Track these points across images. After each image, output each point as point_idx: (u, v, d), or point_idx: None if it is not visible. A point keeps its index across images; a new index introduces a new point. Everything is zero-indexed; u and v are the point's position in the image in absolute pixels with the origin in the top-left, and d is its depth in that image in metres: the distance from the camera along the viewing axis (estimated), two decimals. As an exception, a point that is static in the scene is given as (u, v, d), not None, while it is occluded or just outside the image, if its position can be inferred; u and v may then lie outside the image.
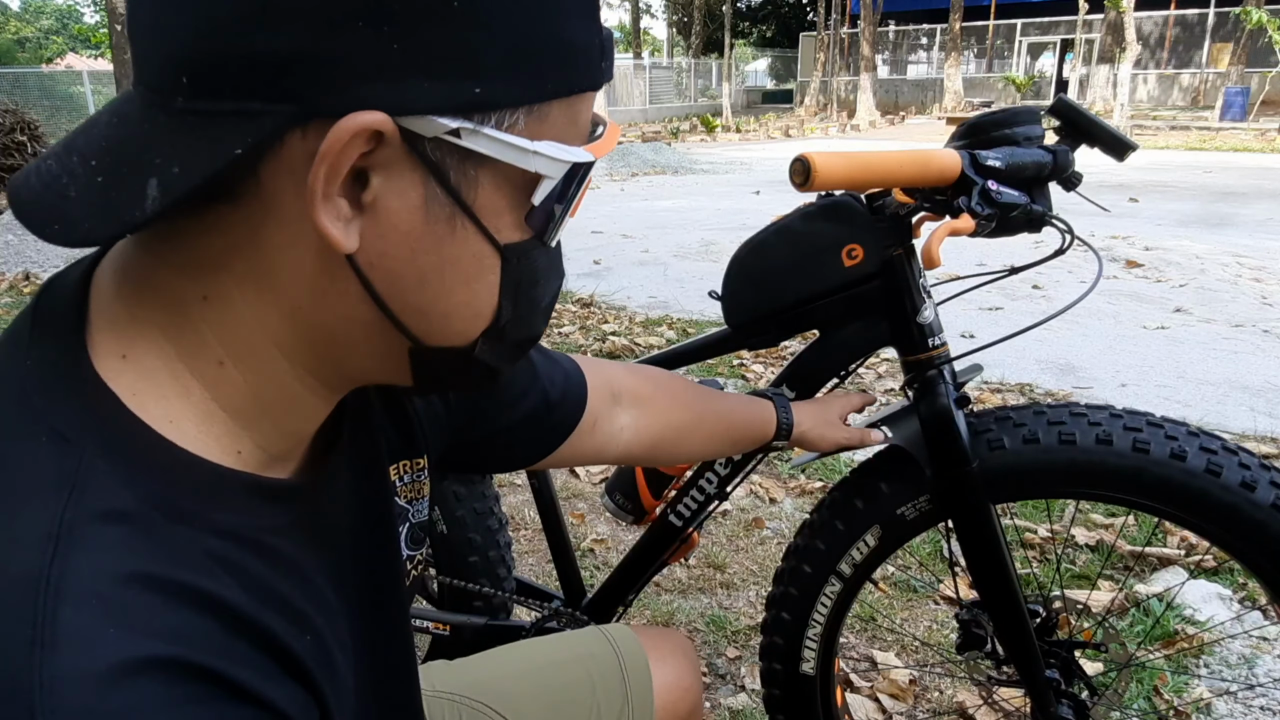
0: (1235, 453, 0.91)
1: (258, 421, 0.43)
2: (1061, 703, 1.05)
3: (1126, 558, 2.00)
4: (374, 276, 0.40)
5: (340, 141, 0.36)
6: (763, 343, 1.07)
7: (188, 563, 0.37)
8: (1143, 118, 17.80)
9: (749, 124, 21.11)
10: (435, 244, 0.40)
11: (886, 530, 1.04)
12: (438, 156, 0.38)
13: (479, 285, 0.42)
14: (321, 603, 0.45)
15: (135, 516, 0.36)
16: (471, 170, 0.39)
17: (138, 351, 0.40)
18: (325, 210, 0.37)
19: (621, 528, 2.21)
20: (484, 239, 0.41)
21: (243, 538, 0.40)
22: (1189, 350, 3.51)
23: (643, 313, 4.24)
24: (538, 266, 0.44)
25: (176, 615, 0.35)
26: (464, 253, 0.41)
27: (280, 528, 0.43)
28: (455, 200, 0.39)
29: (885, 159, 0.82)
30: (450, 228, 0.40)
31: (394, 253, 0.40)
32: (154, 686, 0.33)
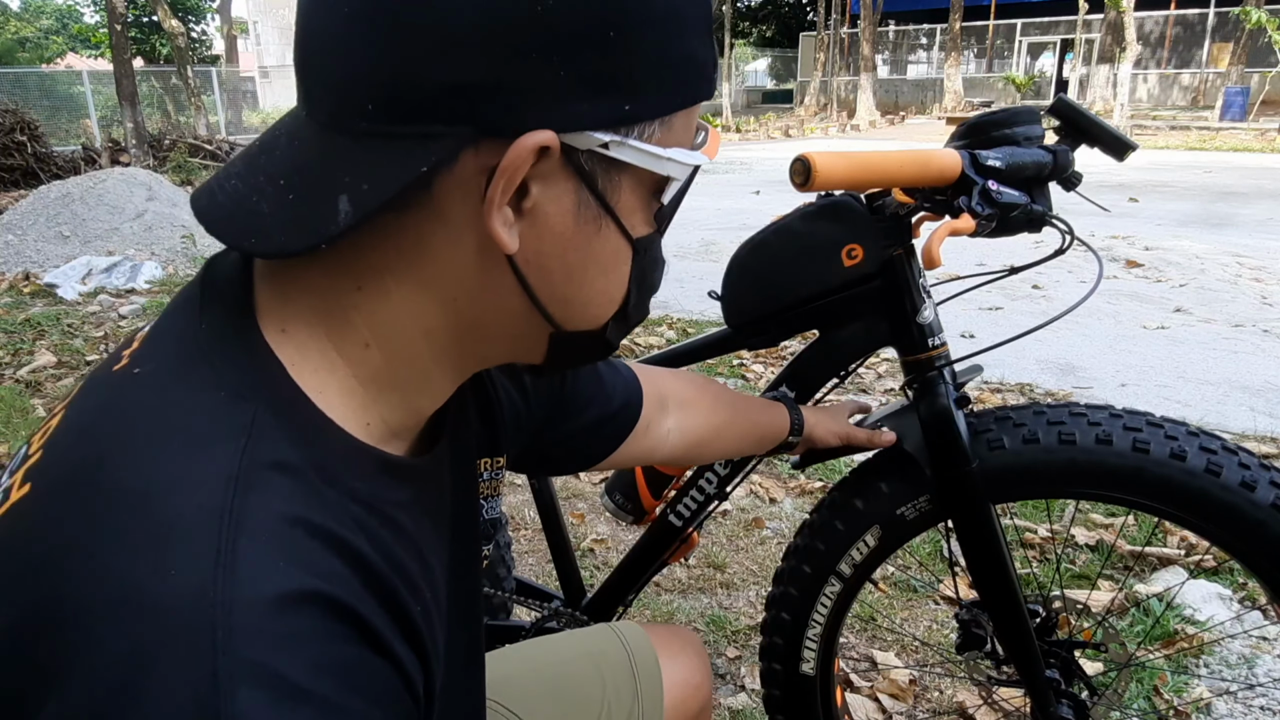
0: (1235, 453, 0.91)
1: (388, 395, 0.47)
2: (1061, 703, 1.05)
3: (1126, 558, 2.00)
4: (528, 272, 0.45)
5: (521, 159, 0.41)
6: (763, 343, 1.07)
7: (337, 517, 0.41)
8: (1143, 118, 17.80)
9: (749, 124, 21.10)
10: (584, 242, 0.45)
11: (886, 530, 1.04)
12: (589, 166, 0.43)
13: (615, 275, 0.48)
14: (431, 579, 0.49)
15: (298, 470, 0.41)
16: (615, 176, 0.45)
17: (294, 327, 0.45)
18: (497, 218, 0.42)
19: (621, 528, 2.21)
20: (621, 235, 0.46)
21: (374, 507, 0.45)
22: (1189, 350, 3.51)
23: (643, 313, 4.24)
24: (657, 255, 0.51)
25: (331, 560, 0.40)
26: (605, 248, 0.46)
27: (402, 503, 0.48)
28: (602, 204, 0.45)
29: (885, 159, 0.82)
30: (597, 227, 0.45)
31: (548, 251, 0.45)
32: (315, 618, 0.38)
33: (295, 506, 0.40)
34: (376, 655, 0.40)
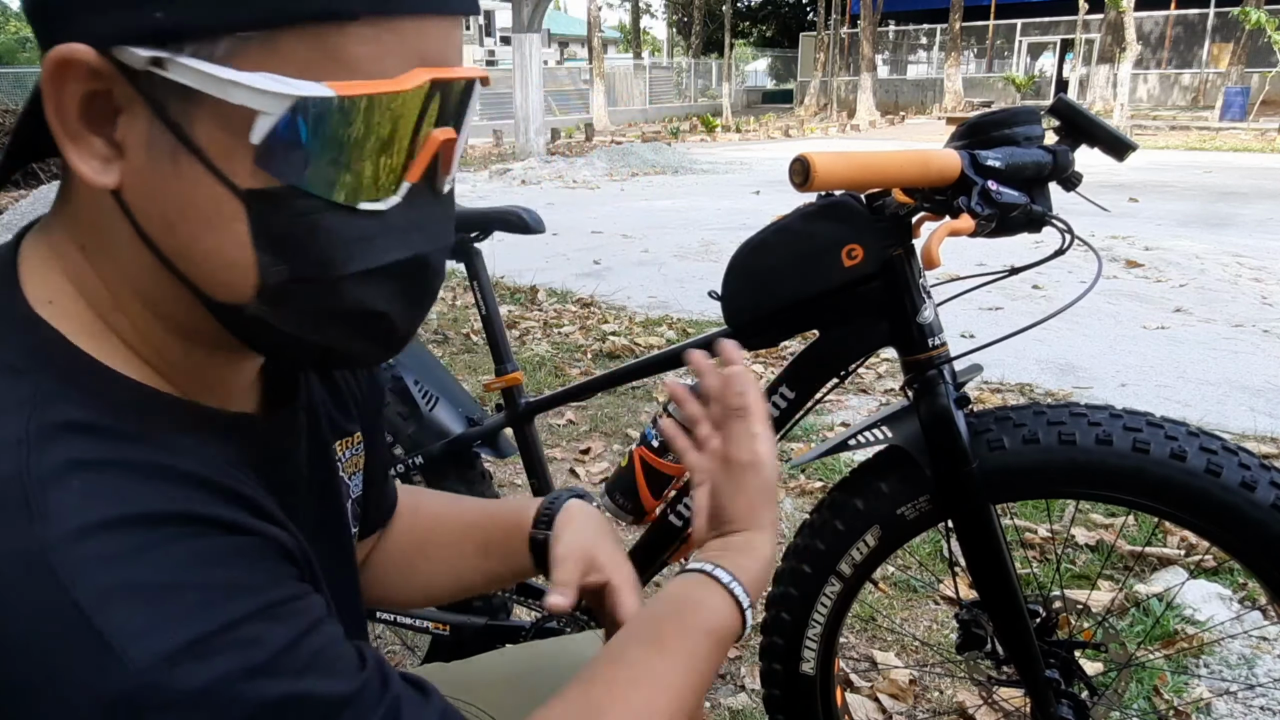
0: (1235, 453, 0.91)
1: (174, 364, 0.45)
2: (1061, 703, 1.05)
3: (1126, 558, 2.00)
4: (138, 217, 0.41)
5: (48, 74, 0.37)
6: (763, 343, 1.07)
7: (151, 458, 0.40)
8: (1143, 118, 17.80)
9: (749, 124, 21.11)
10: (163, 182, 0.40)
11: (886, 530, 1.03)
12: (156, 91, 0.38)
13: (224, 233, 0.40)
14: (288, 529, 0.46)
15: (96, 427, 0.39)
16: (189, 105, 0.38)
17: (59, 297, 0.43)
18: (76, 148, 0.39)
19: (621, 528, 2.21)
20: (217, 180, 0.39)
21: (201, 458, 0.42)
22: (1189, 350, 3.51)
23: (643, 313, 4.24)
24: (319, 224, 0.40)
25: (154, 485, 0.39)
26: (199, 194, 0.39)
27: (231, 460, 0.45)
28: (176, 135, 0.38)
29: (885, 159, 0.82)
30: (175, 165, 0.39)
31: (143, 191, 0.40)
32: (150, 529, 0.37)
33: (100, 453, 0.38)
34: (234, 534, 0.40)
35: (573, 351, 3.62)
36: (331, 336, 0.44)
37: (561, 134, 16.28)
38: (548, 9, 12.38)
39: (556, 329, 3.94)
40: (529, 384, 3.15)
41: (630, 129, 20.53)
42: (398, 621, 1.39)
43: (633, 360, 1.33)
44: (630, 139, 15.99)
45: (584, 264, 5.39)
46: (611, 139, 16.37)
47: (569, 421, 2.87)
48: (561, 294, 4.62)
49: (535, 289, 4.66)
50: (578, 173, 10.91)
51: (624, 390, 3.07)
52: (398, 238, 0.43)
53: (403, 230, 0.43)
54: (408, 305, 0.45)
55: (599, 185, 9.89)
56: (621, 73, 26.44)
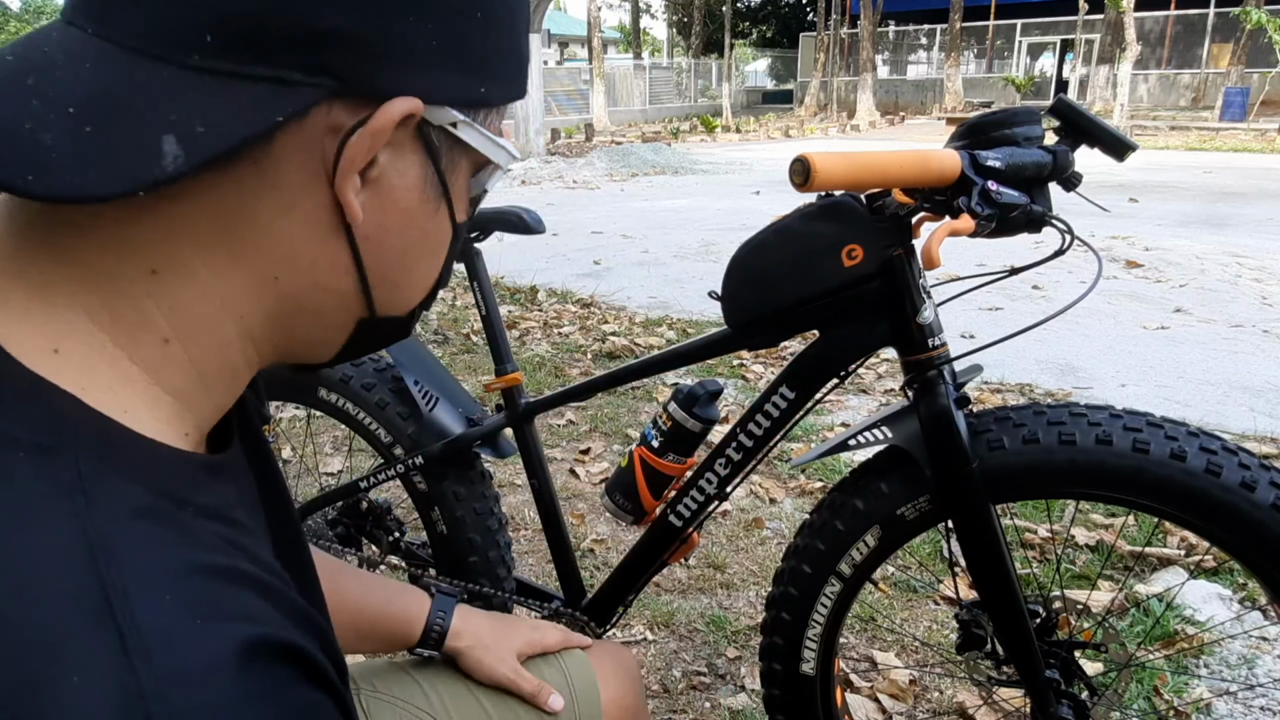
0: (1235, 453, 0.91)
1: (199, 399, 0.41)
2: (1061, 703, 1.05)
3: (1126, 558, 2.00)
4: (365, 249, 0.42)
5: (388, 121, 0.38)
6: (763, 343, 1.07)
7: (210, 545, 0.36)
8: (1143, 118, 17.80)
9: (749, 124, 21.11)
10: (424, 220, 0.44)
11: (886, 530, 1.04)
12: (438, 142, 0.42)
13: (434, 259, 0.47)
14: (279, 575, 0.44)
15: (155, 510, 0.34)
16: (457, 157, 0.44)
17: (69, 344, 0.36)
18: (349, 184, 0.39)
19: (621, 528, 2.21)
20: (448, 218, 0.46)
21: (223, 516, 0.39)
22: (1189, 350, 3.51)
23: (643, 313, 4.24)
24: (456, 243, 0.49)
25: (238, 594, 0.34)
26: (436, 229, 0.45)
27: (234, 503, 0.43)
28: (442, 182, 0.44)
29: (885, 159, 0.82)
30: (435, 207, 0.44)
31: (389, 225, 0.42)
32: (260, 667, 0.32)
33: (174, 552, 0.33)
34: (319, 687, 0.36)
35: (573, 351, 3.62)
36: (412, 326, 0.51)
37: (561, 134, 16.28)
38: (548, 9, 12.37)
39: (556, 329, 3.94)
40: (529, 384, 3.15)
41: (630, 129, 20.53)
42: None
43: (633, 360, 1.33)
44: (630, 139, 15.99)
45: (584, 264, 5.39)
46: (611, 139, 16.37)
47: (569, 421, 2.87)
48: (561, 294, 4.62)
49: (535, 289, 4.67)
50: (578, 173, 10.91)
51: (624, 390, 3.07)
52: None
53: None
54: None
55: (599, 185, 9.89)
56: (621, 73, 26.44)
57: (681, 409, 1.15)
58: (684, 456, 1.17)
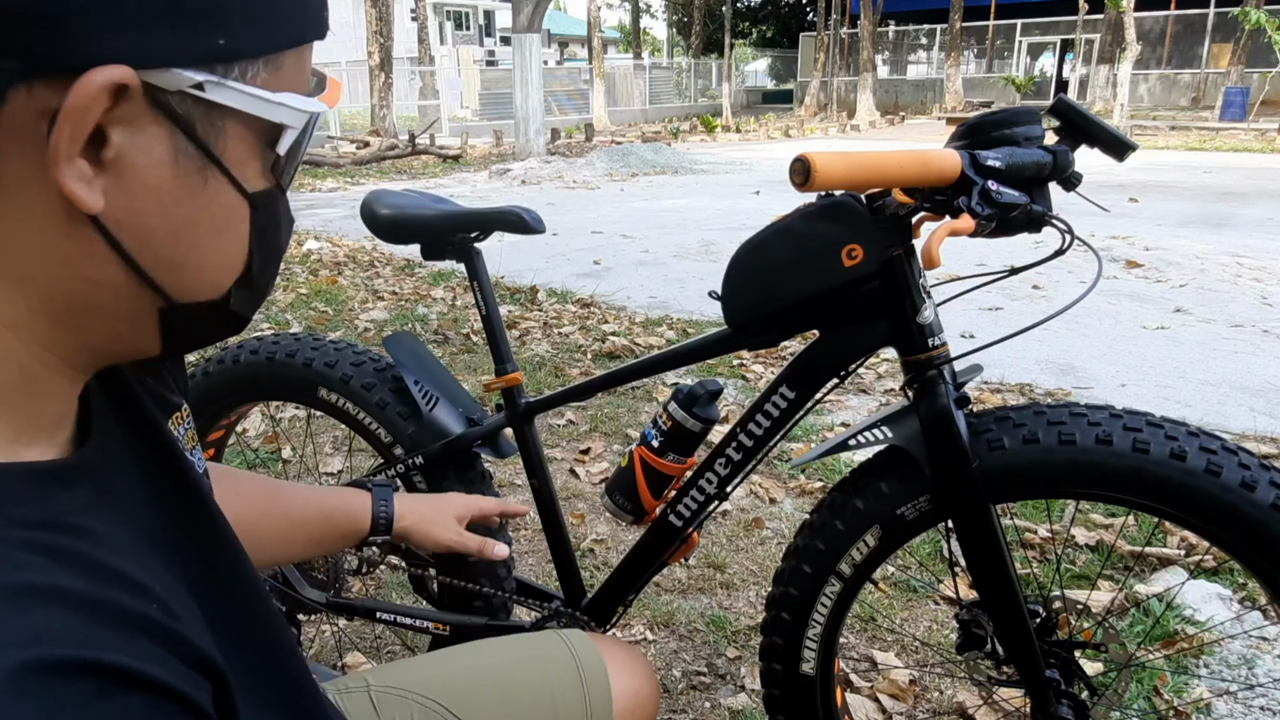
0: (1235, 453, 0.91)
1: (4, 414, 0.40)
2: (1061, 703, 1.05)
3: (1126, 558, 2.00)
4: (122, 235, 0.39)
5: (87, 97, 0.34)
6: (763, 343, 1.07)
7: (10, 562, 0.34)
8: (1143, 118, 17.80)
9: (749, 124, 21.11)
10: (187, 197, 0.40)
11: (886, 530, 1.04)
12: (184, 110, 0.38)
13: (229, 235, 0.43)
14: (150, 571, 0.42)
15: None
16: (219, 121, 0.39)
17: None
18: (68, 172, 0.35)
19: (621, 528, 2.21)
20: (233, 188, 0.41)
21: (50, 525, 0.38)
22: (1189, 350, 3.51)
23: (643, 313, 4.24)
24: (279, 213, 0.46)
25: (20, 617, 0.32)
26: (214, 203, 0.41)
27: (83, 507, 0.41)
28: (205, 153, 0.39)
29: (885, 159, 0.82)
30: (202, 180, 0.40)
31: (143, 208, 0.39)
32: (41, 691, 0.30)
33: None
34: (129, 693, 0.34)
35: (573, 351, 3.62)
36: (252, 307, 0.48)
37: (561, 134, 16.28)
38: (548, 9, 12.38)
39: (556, 329, 3.94)
40: (529, 384, 3.15)
41: (630, 129, 20.53)
42: (398, 622, 1.39)
43: (633, 360, 1.33)
44: (630, 139, 15.99)
45: (584, 264, 5.39)
46: (611, 139, 16.37)
47: (569, 421, 2.87)
48: (561, 294, 4.62)
49: (535, 289, 4.66)
50: (578, 173, 10.91)
51: (624, 390, 3.07)
52: (290, 214, 0.49)
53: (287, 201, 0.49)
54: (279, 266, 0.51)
55: (599, 185, 9.89)
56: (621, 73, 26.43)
57: (681, 409, 1.15)
58: (684, 456, 1.17)
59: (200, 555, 0.51)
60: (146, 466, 0.51)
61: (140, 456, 0.51)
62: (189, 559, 0.49)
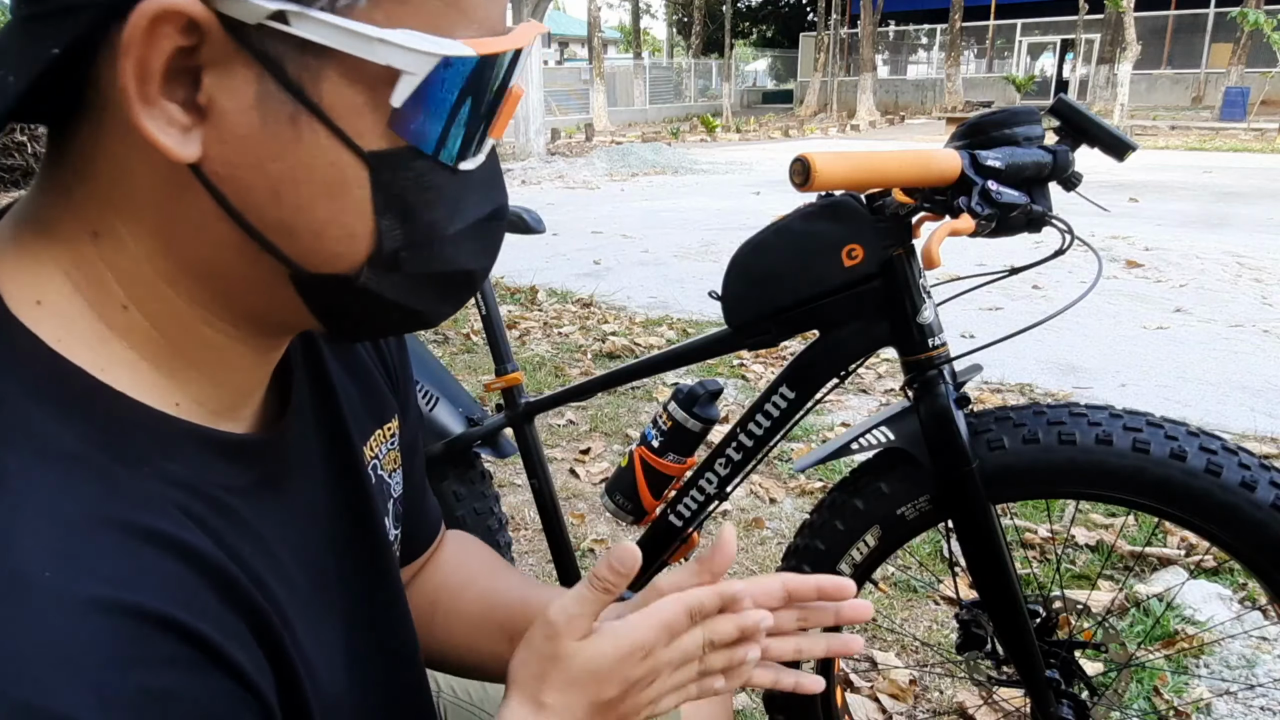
0: (1235, 453, 0.91)
1: (184, 372, 0.40)
2: (1061, 703, 1.05)
3: (1126, 558, 2.00)
4: (226, 190, 0.36)
5: (139, 30, 0.32)
6: (763, 343, 1.07)
7: (145, 504, 0.34)
8: (1143, 118, 17.80)
9: (749, 124, 21.10)
10: (280, 149, 0.36)
11: (886, 530, 1.03)
12: (270, 48, 0.34)
13: (345, 200, 0.37)
14: (283, 577, 0.42)
15: (79, 457, 0.34)
16: (312, 62, 0.35)
17: (51, 297, 0.37)
18: (150, 115, 0.33)
19: (621, 528, 2.21)
20: (341, 144, 0.36)
21: (198, 491, 0.37)
22: (1189, 350, 3.51)
23: (643, 313, 4.24)
24: (429, 184, 0.39)
25: (134, 559, 0.32)
26: (318, 160, 0.36)
27: (238, 488, 0.40)
28: (297, 97, 0.35)
29: (885, 159, 0.82)
30: (295, 130, 0.35)
31: (240, 160, 0.35)
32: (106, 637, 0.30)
33: (76, 502, 0.32)
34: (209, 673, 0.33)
35: (573, 351, 3.62)
36: (427, 300, 0.42)
37: (561, 134, 16.28)
38: (548, 9, 12.37)
39: (556, 329, 3.94)
40: (529, 384, 3.15)
41: (630, 129, 20.53)
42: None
43: (633, 360, 1.33)
44: (630, 139, 15.98)
45: (584, 264, 5.39)
46: (611, 139, 16.37)
47: (569, 421, 2.87)
48: (561, 294, 4.62)
49: (535, 289, 4.66)
50: (578, 173, 10.91)
51: (624, 390, 3.07)
52: (482, 194, 0.42)
53: (484, 186, 0.42)
54: (488, 259, 0.44)
55: (599, 185, 9.89)
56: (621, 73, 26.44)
57: (681, 409, 1.15)
58: (684, 456, 1.18)
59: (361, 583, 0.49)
60: (333, 474, 0.49)
61: (329, 462, 0.49)
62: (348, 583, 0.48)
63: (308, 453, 0.48)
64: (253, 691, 0.35)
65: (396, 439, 0.60)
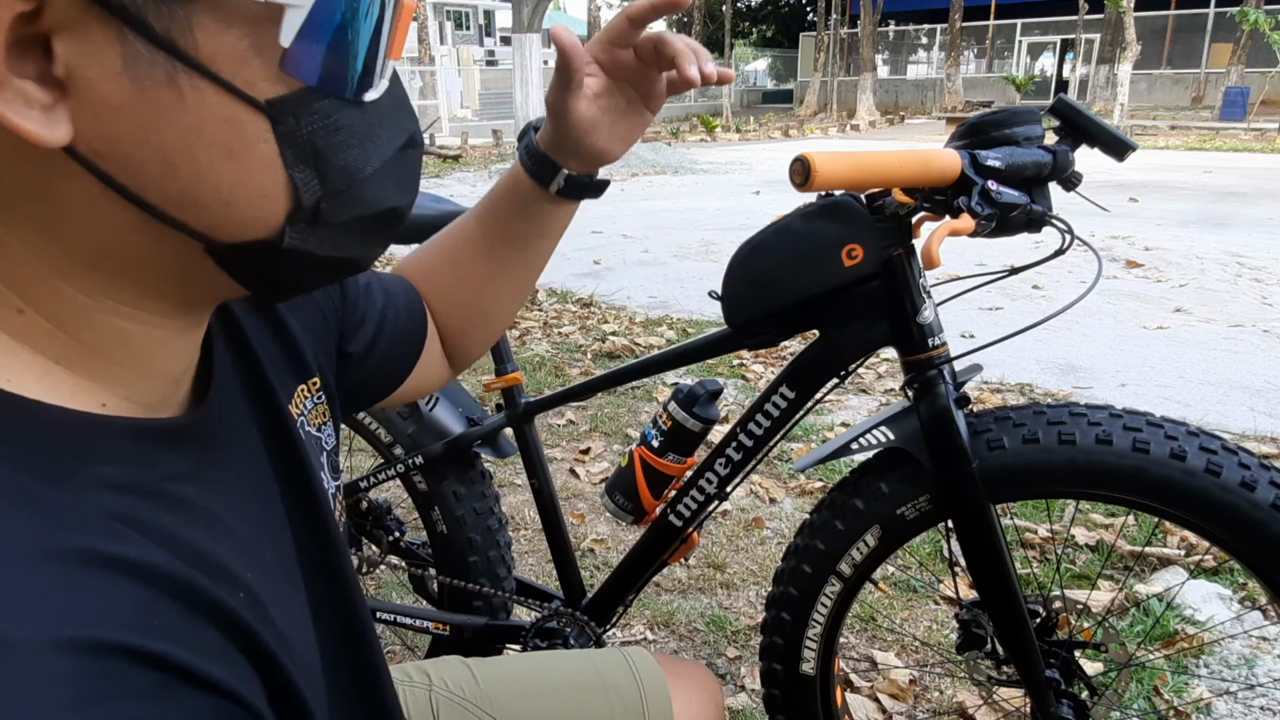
0: (1235, 453, 0.91)
1: (105, 370, 0.37)
2: (1061, 703, 1.05)
3: (1126, 558, 2.00)
4: (111, 169, 0.32)
5: None
6: (763, 343, 1.07)
7: (80, 525, 0.31)
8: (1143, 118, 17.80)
9: (749, 124, 21.09)
10: (164, 115, 0.32)
11: (886, 530, 1.04)
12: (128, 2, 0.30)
13: (249, 159, 0.34)
14: (248, 554, 0.40)
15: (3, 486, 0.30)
16: (179, 11, 0.31)
17: None
18: (2, 99, 0.29)
19: (621, 528, 2.21)
20: (232, 98, 0.32)
21: (140, 490, 0.35)
22: (1189, 350, 3.51)
23: (643, 313, 4.24)
24: (338, 125, 0.36)
25: (79, 590, 0.29)
26: (210, 119, 0.32)
27: (182, 474, 0.38)
28: (170, 53, 0.31)
29: (885, 159, 0.82)
30: (175, 90, 0.31)
31: (119, 134, 0.32)
32: (66, 678, 0.27)
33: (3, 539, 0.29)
34: (185, 692, 0.31)
35: (573, 351, 3.62)
36: (354, 246, 0.40)
37: (561, 134, 16.23)
38: (548, 9, 12.38)
39: (556, 329, 3.94)
40: (529, 384, 3.15)
41: (630, 129, 20.46)
42: (398, 621, 1.39)
43: (633, 360, 1.33)
44: (630, 139, 15.94)
45: (584, 264, 5.39)
46: (611, 139, 16.31)
47: (569, 421, 2.87)
48: (561, 294, 4.62)
49: (535, 289, 4.67)
50: (578, 173, 10.88)
51: (624, 390, 3.07)
52: (392, 124, 0.39)
53: (392, 115, 0.39)
54: (410, 192, 0.41)
55: (599, 185, 9.87)
56: (621, 73, 26.36)
57: (681, 409, 1.15)
58: (684, 456, 1.18)
59: (311, 543, 0.49)
60: (264, 437, 0.47)
61: (259, 426, 0.47)
62: (300, 544, 0.47)
63: (241, 422, 0.46)
64: (235, 700, 0.33)
65: (322, 395, 0.58)
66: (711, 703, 0.89)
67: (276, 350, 0.54)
